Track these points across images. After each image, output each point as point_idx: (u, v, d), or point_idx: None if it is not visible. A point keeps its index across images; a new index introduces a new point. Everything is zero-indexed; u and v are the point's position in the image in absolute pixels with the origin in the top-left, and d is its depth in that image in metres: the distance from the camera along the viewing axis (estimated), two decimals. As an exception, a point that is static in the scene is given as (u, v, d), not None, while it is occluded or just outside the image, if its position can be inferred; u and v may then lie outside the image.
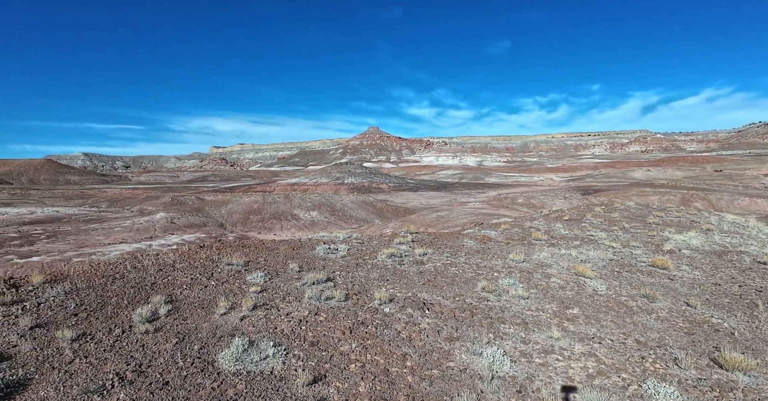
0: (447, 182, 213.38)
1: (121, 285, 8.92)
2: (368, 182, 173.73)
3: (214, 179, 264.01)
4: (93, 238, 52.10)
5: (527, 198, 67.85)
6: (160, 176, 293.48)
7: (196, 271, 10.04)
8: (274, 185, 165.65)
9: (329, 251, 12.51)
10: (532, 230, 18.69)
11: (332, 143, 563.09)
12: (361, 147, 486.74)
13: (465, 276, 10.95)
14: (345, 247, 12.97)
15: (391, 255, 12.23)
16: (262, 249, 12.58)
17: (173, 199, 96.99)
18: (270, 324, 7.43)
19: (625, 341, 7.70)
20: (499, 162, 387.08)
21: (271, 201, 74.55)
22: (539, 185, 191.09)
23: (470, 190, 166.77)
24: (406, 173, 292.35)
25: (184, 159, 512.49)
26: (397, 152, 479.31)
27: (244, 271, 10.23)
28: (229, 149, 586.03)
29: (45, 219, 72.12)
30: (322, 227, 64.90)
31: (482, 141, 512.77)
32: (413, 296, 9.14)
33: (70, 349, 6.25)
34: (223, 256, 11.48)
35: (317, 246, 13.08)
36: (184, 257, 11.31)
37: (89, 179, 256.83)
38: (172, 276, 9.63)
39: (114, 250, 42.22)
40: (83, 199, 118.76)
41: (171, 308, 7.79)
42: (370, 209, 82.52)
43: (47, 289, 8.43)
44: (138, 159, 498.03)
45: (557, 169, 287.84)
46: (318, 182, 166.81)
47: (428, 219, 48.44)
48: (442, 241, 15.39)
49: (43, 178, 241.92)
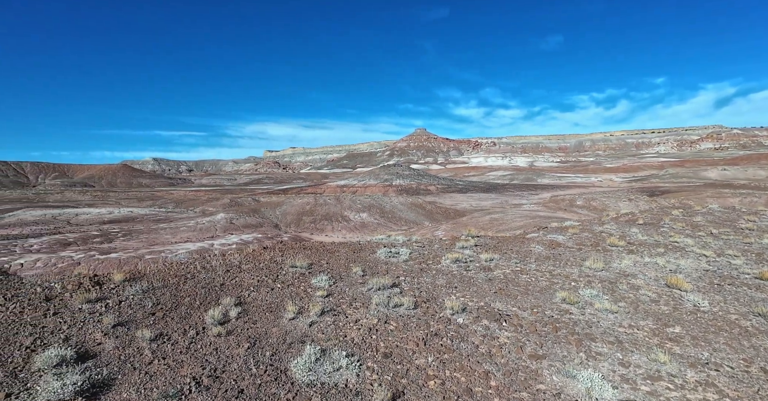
0: (497, 184, 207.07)
1: (193, 285, 9.09)
2: (416, 184, 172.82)
3: (268, 182, 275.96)
4: (162, 237, 56.04)
5: (587, 200, 63.70)
6: (219, 179, 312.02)
7: (261, 273, 10.05)
8: (324, 187, 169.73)
9: (390, 255, 12.11)
10: (604, 234, 17.16)
11: (379, 145, 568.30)
12: (408, 149, 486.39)
13: (539, 285, 10.06)
14: (406, 251, 12.50)
15: (455, 260, 11.59)
16: (323, 252, 12.46)
17: (231, 200, 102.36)
18: (339, 332, 7.12)
19: (747, 369, 6.52)
20: (552, 162, 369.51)
21: (323, 203, 76.15)
22: (598, 186, 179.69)
23: (522, 191, 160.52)
24: (454, 174, 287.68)
25: (241, 163, 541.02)
26: (444, 153, 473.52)
27: (308, 274, 10.09)
28: (281, 152, 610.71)
29: (121, 219, 78.93)
30: (372, 229, 65.16)
31: (533, 141, 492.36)
32: (486, 306, 8.46)
33: (149, 349, 6.31)
34: (286, 258, 11.46)
35: (378, 249, 12.73)
36: (249, 258, 11.42)
37: (158, 181, 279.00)
38: (239, 278, 9.69)
39: (181, 248, 45.03)
40: (153, 200, 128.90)
41: (241, 310, 7.74)
42: (419, 211, 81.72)
43: (127, 287, 8.75)
44: (199, 163, 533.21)
45: (617, 169, 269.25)
46: (366, 183, 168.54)
47: (481, 222, 46.85)
48: (507, 245, 14.46)
49: (119, 181, 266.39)
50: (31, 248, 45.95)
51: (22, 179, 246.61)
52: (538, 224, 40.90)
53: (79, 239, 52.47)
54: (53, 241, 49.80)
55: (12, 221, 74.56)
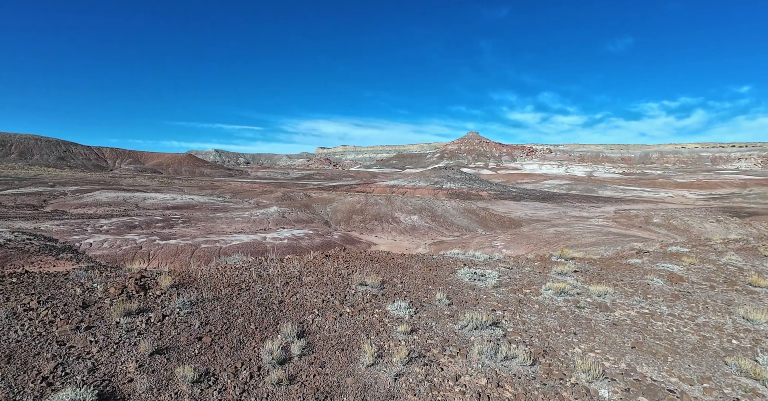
0: (553, 193, 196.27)
1: (247, 300, 7.58)
2: (467, 189, 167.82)
3: (319, 178, 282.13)
4: (218, 226, 57.59)
5: (665, 218, 57.12)
6: (273, 173, 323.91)
7: (326, 289, 8.36)
8: (374, 186, 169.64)
9: (475, 277, 9.99)
10: (731, 268, 13.84)
11: (429, 147, 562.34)
12: (459, 152, 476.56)
13: (687, 340, 7.49)
14: (493, 273, 10.33)
15: (559, 292, 9.24)
16: (393, 266, 10.61)
17: (284, 194, 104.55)
18: (436, 394, 5.17)
19: None
20: (614, 173, 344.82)
21: (373, 202, 75.02)
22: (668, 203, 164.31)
23: (582, 203, 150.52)
24: (507, 180, 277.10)
25: (294, 158, 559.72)
26: (496, 158, 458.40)
27: (381, 296, 8.25)
28: (332, 149, 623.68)
29: (183, 205, 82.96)
30: (423, 233, 62.98)
31: (593, 149, 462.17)
32: (631, 370, 6.13)
33: (189, 397, 4.75)
34: (353, 270, 9.74)
35: (457, 268, 10.67)
36: (310, 268, 9.83)
37: (218, 172, 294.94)
38: (300, 294, 8.06)
39: (234, 239, 45.63)
40: (212, 189, 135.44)
41: (305, 344, 6.03)
42: (472, 217, 78.14)
43: (173, 296, 7.41)
44: (256, 156, 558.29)
45: (690, 184, 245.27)
46: (416, 185, 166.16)
47: (545, 235, 43.03)
48: (613, 274, 11.79)
49: (184, 169, 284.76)
50: (101, 228, 48.75)
51: (102, 163, 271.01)
52: (613, 242, 36.59)
53: (144, 222, 55.14)
54: (121, 223, 52.64)
55: (89, 201, 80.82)
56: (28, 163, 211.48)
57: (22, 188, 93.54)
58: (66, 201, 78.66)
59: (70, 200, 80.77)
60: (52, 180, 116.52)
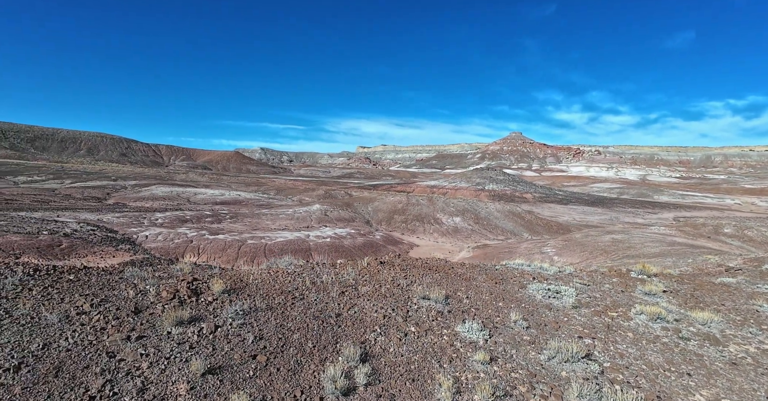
0: (603, 197, 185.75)
1: (302, 311, 6.95)
2: (511, 191, 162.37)
3: (359, 176, 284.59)
4: (263, 222, 58.97)
5: (738, 228, 51.69)
6: (315, 171, 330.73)
7: (386, 303, 7.58)
8: (414, 186, 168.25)
9: (549, 294, 8.84)
10: None
11: (470, 147, 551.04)
12: (501, 153, 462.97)
13: (836, 390, 5.97)
14: (569, 290, 9.11)
15: (655, 317, 7.90)
16: (454, 276, 9.66)
17: (326, 192, 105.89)
18: (535, 450, 4.20)
19: None
20: (670, 178, 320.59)
21: (415, 203, 73.89)
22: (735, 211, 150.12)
23: (636, 208, 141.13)
24: (552, 183, 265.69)
25: (335, 157, 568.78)
26: (540, 159, 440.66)
27: (448, 313, 7.35)
28: (372, 149, 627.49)
29: (230, 201, 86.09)
30: (466, 235, 61.06)
31: (646, 151, 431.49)
32: (779, 431, 4.83)
33: (245, 432, 4.10)
34: (411, 280, 8.91)
35: (526, 282, 9.54)
36: (365, 275, 9.10)
37: (263, 169, 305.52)
38: (358, 306, 7.33)
39: (279, 236, 46.34)
40: (257, 186, 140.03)
41: (369, 370, 5.26)
42: (517, 221, 74.98)
43: (225, 303, 6.92)
44: (299, 155, 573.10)
45: (761, 191, 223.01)
46: (457, 186, 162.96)
47: (601, 242, 40.04)
48: (710, 296, 10.15)
49: (231, 166, 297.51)
50: (156, 221, 51.29)
51: (159, 159, 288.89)
52: (681, 254, 33.30)
53: (194, 217, 57.49)
54: (174, 217, 55.15)
55: (146, 195, 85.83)
56: (95, 158, 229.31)
57: (88, 182, 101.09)
58: (126, 194, 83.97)
59: (129, 193, 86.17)
60: (115, 175, 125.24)
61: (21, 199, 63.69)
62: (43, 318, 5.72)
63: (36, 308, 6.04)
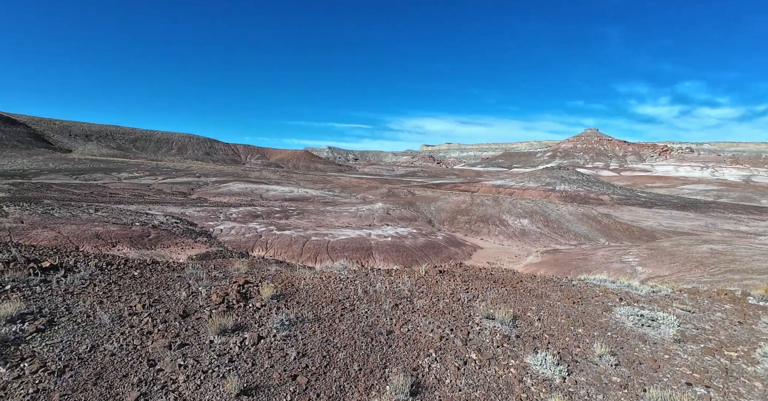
0: (696, 200, 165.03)
1: (351, 325, 6.38)
2: (585, 191, 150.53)
3: (423, 175, 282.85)
4: (327, 219, 60.57)
5: None
6: (379, 169, 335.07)
7: (443, 320, 6.75)
8: (479, 186, 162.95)
9: (642, 322, 7.37)
10: None
11: (540, 145, 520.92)
12: (574, 151, 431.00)
13: None
14: (668, 317, 7.53)
15: (793, 363, 6.13)
16: (523, 292, 8.51)
17: (389, 190, 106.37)
18: None
19: None
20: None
21: (479, 203, 71.06)
22: None
23: (738, 214, 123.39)
24: (633, 183, 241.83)
25: (399, 155, 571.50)
26: (619, 158, 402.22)
27: (516, 339, 6.32)
28: (436, 147, 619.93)
29: (298, 197, 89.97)
30: (534, 239, 57.26)
31: (752, 149, 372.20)
32: None
33: (273, 475, 3.57)
34: (473, 294, 7.97)
35: (613, 305, 8.10)
36: (421, 286, 8.33)
37: (329, 167, 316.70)
38: (412, 323, 6.60)
39: (341, 234, 47.13)
40: (324, 183, 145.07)
41: (420, 406, 4.51)
42: (592, 225, 68.82)
43: (272, 311, 6.59)
44: (364, 153, 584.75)
45: None
46: (525, 186, 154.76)
47: (696, 253, 34.93)
48: None
49: (301, 164, 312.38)
50: (230, 216, 54.91)
51: (237, 158, 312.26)
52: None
53: (264, 212, 60.68)
54: (246, 212, 58.68)
55: (224, 191, 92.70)
56: (183, 157, 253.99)
57: (177, 178, 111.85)
58: (207, 190, 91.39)
59: (210, 189, 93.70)
60: (199, 172, 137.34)
61: (122, 193, 72.07)
62: (98, 318, 5.76)
63: (93, 306, 6.13)
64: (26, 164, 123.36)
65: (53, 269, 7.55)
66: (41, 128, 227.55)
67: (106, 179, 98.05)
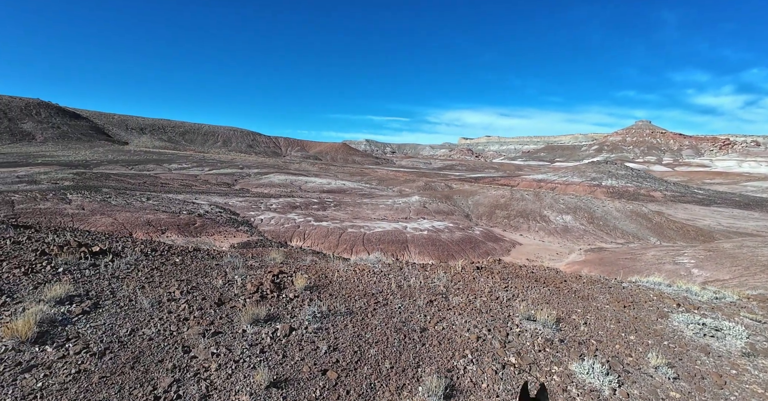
0: (761, 198, 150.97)
1: (383, 320, 6.20)
2: (634, 187, 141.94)
3: (461, 169, 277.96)
4: (363, 211, 60.96)
5: None
6: (416, 162, 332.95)
7: (480, 320, 6.41)
8: (519, 180, 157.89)
9: (704, 331, 6.66)
10: None
11: (585, 138, 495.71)
12: (623, 144, 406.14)
13: None
14: (735, 328, 6.77)
15: None
16: (568, 293, 7.97)
17: (426, 184, 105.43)
18: None
19: None
20: None
21: (519, 198, 68.74)
22: None
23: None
24: (688, 179, 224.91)
25: (437, 148, 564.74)
26: (673, 152, 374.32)
27: (559, 343, 5.88)
28: (475, 140, 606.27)
29: (336, 189, 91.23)
30: (577, 236, 54.65)
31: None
32: None
33: (300, 473, 3.46)
34: (513, 293, 7.55)
35: (669, 311, 7.40)
36: (458, 282, 8.01)
37: (367, 160, 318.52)
38: (447, 321, 6.32)
39: (377, 226, 47.26)
40: (361, 176, 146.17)
41: (454, 412, 4.26)
42: (642, 223, 64.69)
43: (305, 302, 6.54)
44: (401, 146, 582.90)
45: None
46: (568, 181, 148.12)
47: (762, 256, 31.78)
48: None
49: (339, 157, 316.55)
50: (270, 206, 56.56)
51: (277, 150, 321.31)
52: None
53: (303, 204, 62.00)
54: (285, 203, 60.20)
55: (265, 182, 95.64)
56: (228, 149, 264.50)
57: (222, 169, 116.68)
58: (249, 181, 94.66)
59: (252, 180, 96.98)
60: (242, 163, 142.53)
61: (171, 183, 76.15)
62: (139, 302, 5.94)
63: (135, 291, 6.34)
64: (88, 155, 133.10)
65: (102, 254, 7.93)
66: (102, 122, 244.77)
67: (157, 170, 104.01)
